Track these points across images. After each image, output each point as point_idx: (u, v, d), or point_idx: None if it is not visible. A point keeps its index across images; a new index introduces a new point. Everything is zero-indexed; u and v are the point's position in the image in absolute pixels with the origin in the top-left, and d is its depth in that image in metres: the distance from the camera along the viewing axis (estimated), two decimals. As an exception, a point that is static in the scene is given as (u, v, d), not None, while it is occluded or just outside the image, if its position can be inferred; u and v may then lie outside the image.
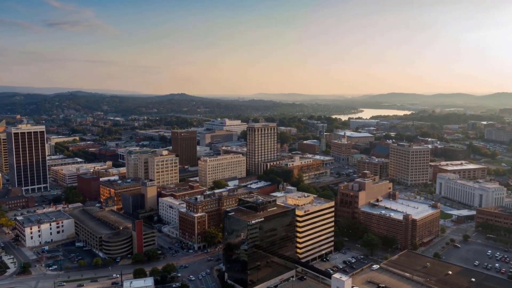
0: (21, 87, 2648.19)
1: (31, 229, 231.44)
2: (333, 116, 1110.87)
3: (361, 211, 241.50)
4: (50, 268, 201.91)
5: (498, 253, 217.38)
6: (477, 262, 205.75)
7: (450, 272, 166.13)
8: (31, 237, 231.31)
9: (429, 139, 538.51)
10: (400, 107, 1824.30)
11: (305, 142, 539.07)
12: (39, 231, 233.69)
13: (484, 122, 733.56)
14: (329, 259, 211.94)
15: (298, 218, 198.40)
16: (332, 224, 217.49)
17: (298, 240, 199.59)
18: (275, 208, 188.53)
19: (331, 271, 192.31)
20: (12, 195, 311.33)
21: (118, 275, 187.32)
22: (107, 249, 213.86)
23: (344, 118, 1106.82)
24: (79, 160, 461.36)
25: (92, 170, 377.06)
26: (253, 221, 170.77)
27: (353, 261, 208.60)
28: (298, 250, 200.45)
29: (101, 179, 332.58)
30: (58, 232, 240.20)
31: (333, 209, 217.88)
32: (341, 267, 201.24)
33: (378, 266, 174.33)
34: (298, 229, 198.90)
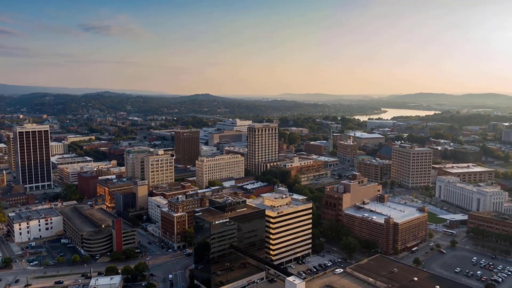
0: (53, 87, 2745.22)
1: (19, 225, 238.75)
2: (353, 117, 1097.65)
3: (344, 213, 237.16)
4: (31, 263, 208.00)
5: (483, 260, 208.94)
6: (458, 269, 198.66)
7: (416, 279, 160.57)
8: (20, 233, 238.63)
9: (442, 141, 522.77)
10: (426, 107, 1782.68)
11: (312, 143, 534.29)
12: (27, 227, 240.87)
13: (506, 124, 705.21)
14: (305, 261, 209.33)
15: (271, 220, 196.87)
16: (310, 226, 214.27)
17: (271, 241, 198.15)
18: (244, 209, 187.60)
19: (303, 274, 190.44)
20: (14, 192, 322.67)
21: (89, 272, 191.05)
22: (88, 246, 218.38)
23: (364, 118, 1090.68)
24: (88, 158, 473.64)
25: (96, 169, 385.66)
26: (216, 222, 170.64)
27: (329, 264, 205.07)
28: (271, 252, 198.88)
29: (100, 177, 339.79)
30: (47, 228, 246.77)
31: (310, 210, 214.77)
32: (314, 270, 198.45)
33: (342, 270, 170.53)
34: (271, 231, 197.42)
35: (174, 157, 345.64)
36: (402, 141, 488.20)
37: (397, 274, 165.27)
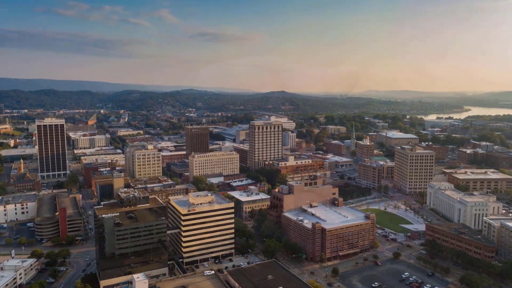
0: (146, 85, 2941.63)
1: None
2: (421, 117, 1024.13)
3: (283, 215, 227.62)
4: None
5: (414, 276, 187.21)
6: (376, 283, 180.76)
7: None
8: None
9: (483, 143, 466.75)
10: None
11: (332, 142, 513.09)
12: (4, 210, 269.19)
13: None
14: (223, 262, 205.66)
15: (181, 217, 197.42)
16: (232, 225, 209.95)
17: (182, 238, 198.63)
18: (146, 205, 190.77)
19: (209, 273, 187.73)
20: (26, 179, 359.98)
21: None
22: (38, 231, 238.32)
23: (433, 118, 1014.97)
24: (118, 151, 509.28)
25: (110, 161, 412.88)
26: (104, 215, 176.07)
27: (243, 266, 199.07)
28: (183, 249, 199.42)
29: (100, 169, 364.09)
30: (22, 212, 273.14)
31: (232, 210, 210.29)
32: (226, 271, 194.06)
33: (213, 272, 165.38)
34: (182, 228, 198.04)
35: (161, 152, 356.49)
36: (430, 143, 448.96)
37: (268, 281, 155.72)
